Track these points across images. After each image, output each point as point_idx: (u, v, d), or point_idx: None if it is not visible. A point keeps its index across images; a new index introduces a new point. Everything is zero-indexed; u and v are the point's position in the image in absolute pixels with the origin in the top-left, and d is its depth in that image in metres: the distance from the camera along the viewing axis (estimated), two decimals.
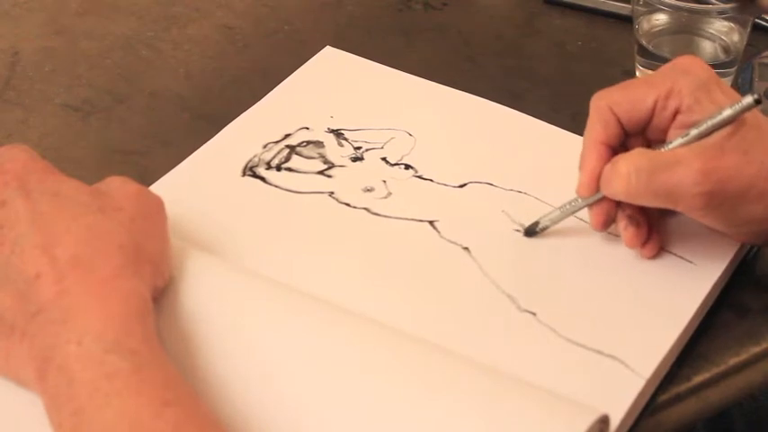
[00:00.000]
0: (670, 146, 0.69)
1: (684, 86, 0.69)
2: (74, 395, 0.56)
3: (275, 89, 0.85)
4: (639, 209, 0.71)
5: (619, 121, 0.71)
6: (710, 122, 0.67)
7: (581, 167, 0.71)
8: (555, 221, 0.73)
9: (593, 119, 0.71)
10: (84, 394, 0.56)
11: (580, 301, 0.70)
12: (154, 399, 0.56)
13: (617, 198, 0.70)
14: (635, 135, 0.72)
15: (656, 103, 0.70)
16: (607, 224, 0.72)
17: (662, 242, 0.72)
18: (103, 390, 0.56)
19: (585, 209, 0.72)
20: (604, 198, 0.71)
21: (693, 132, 0.68)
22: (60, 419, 0.56)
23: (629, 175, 0.68)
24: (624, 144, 0.72)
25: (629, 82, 0.73)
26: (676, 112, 0.70)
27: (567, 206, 0.73)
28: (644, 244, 0.71)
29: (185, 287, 0.65)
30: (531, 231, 0.74)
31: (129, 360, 0.57)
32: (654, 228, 0.72)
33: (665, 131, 0.71)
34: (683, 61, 0.71)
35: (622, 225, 0.71)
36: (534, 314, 0.69)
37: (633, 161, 0.68)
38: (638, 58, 0.87)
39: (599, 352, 0.67)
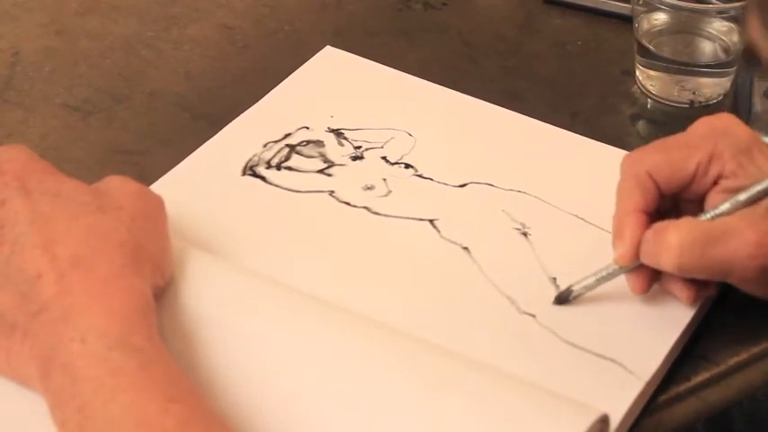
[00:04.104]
0: (717, 211, 0.66)
1: (726, 150, 0.67)
2: (78, 392, 0.56)
3: (275, 89, 0.85)
4: None
5: (657, 186, 0.68)
6: (760, 188, 0.65)
7: (619, 237, 0.68)
8: (589, 289, 0.69)
9: (630, 185, 0.68)
10: (89, 391, 0.56)
11: (579, 304, 0.70)
12: (159, 395, 0.56)
13: (664, 270, 0.66)
14: (668, 196, 0.69)
15: (697, 168, 0.68)
16: (649, 288, 0.68)
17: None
18: (109, 386, 0.56)
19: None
20: (643, 265, 0.67)
21: (742, 198, 0.65)
22: (65, 417, 0.56)
23: (682, 248, 0.65)
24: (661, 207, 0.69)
25: (664, 143, 0.69)
26: (719, 177, 0.67)
27: (603, 273, 0.69)
28: (706, 290, 0.69)
29: (186, 286, 0.65)
30: (563, 299, 0.69)
31: (134, 357, 0.57)
32: None
33: (702, 194, 0.68)
34: (720, 121, 0.69)
35: (682, 285, 0.68)
36: (534, 316, 0.69)
37: (685, 233, 0.65)
38: (638, 57, 0.87)
39: (598, 354, 0.67)
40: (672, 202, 0.70)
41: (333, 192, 0.77)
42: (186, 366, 0.61)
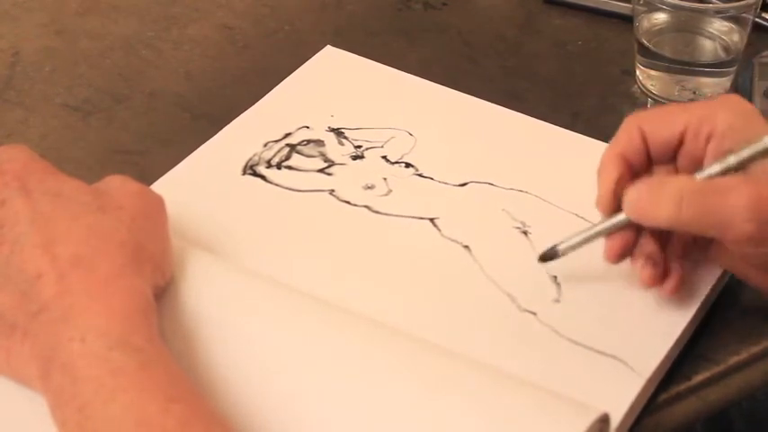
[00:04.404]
0: (708, 170, 0.66)
1: (720, 114, 0.67)
2: (78, 392, 0.56)
3: (275, 88, 0.85)
4: (660, 246, 0.68)
5: (645, 139, 0.68)
6: (751, 149, 0.65)
7: (598, 181, 0.68)
8: (574, 248, 0.69)
9: (618, 133, 0.69)
10: (89, 391, 0.56)
11: (580, 301, 0.70)
12: (160, 395, 0.56)
13: (658, 224, 0.65)
14: (662, 164, 0.69)
15: (686, 125, 0.67)
16: (623, 257, 0.68)
17: (682, 278, 0.69)
18: (109, 386, 0.56)
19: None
20: (626, 227, 0.67)
21: (731, 159, 0.65)
22: (65, 417, 0.56)
23: (681, 198, 0.64)
24: (649, 172, 0.69)
25: (664, 105, 0.70)
26: (709, 137, 0.67)
27: (589, 232, 0.69)
28: (663, 282, 0.68)
29: (186, 286, 0.65)
30: (548, 257, 0.70)
31: (134, 357, 0.57)
32: (672, 263, 0.68)
33: (696, 161, 0.68)
34: (723, 96, 0.69)
35: (639, 264, 0.67)
36: (535, 314, 0.69)
37: (683, 184, 0.65)
38: (638, 57, 0.87)
39: (599, 351, 0.67)
40: (672, 173, 0.69)
41: (333, 191, 0.77)
42: (186, 366, 0.61)
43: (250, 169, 0.79)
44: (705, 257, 0.69)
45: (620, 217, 0.68)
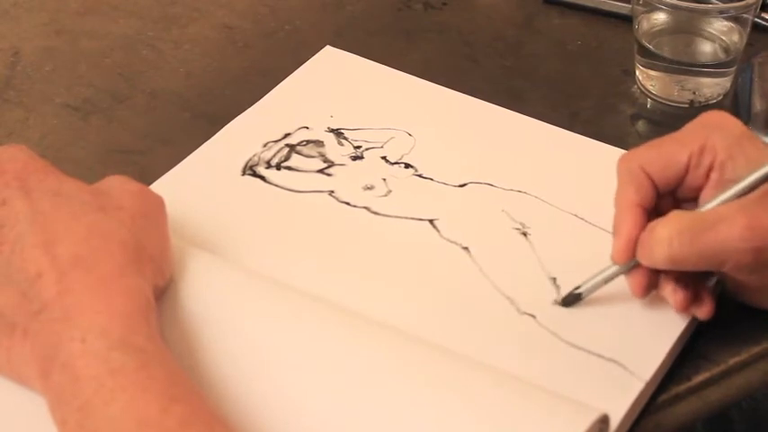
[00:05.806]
0: (710, 205, 0.66)
1: (718, 142, 0.67)
2: (78, 392, 0.56)
3: (275, 88, 0.85)
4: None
5: (652, 181, 0.68)
6: (752, 178, 0.65)
7: (615, 233, 0.68)
8: (596, 288, 0.69)
9: (624, 181, 0.68)
10: (90, 390, 0.56)
11: (579, 304, 0.70)
12: (160, 395, 0.56)
13: (658, 266, 0.66)
14: (665, 195, 0.69)
15: (689, 159, 0.68)
16: (650, 290, 0.68)
17: (714, 299, 0.68)
18: (108, 386, 0.56)
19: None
20: (640, 265, 0.67)
21: (733, 189, 0.65)
22: (65, 416, 0.57)
23: (671, 239, 0.65)
24: (655, 206, 0.69)
25: (658, 140, 0.69)
26: (710, 169, 0.68)
27: (607, 272, 0.68)
28: (698, 305, 0.68)
29: (186, 286, 0.65)
30: (570, 301, 0.69)
31: (135, 357, 0.57)
32: (702, 286, 0.68)
33: (697, 190, 0.68)
34: (712, 117, 0.69)
35: (670, 289, 0.67)
36: (534, 317, 0.69)
37: (673, 224, 0.65)
38: (637, 57, 0.87)
39: (598, 355, 0.67)
40: (672, 204, 0.70)
41: (332, 191, 0.77)
42: (186, 366, 0.61)
43: (250, 170, 0.79)
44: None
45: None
